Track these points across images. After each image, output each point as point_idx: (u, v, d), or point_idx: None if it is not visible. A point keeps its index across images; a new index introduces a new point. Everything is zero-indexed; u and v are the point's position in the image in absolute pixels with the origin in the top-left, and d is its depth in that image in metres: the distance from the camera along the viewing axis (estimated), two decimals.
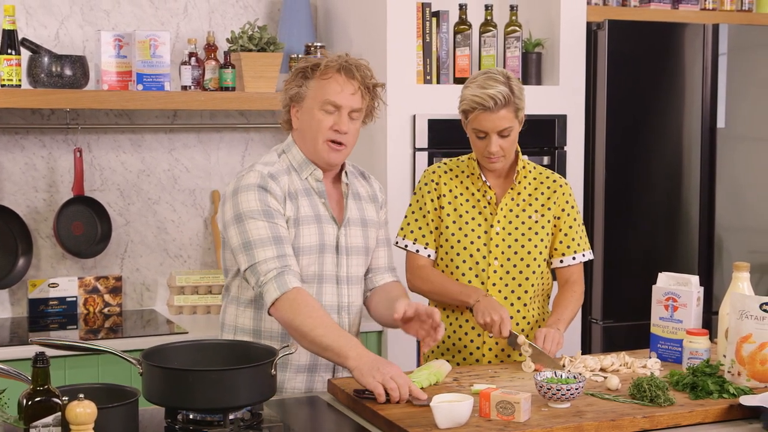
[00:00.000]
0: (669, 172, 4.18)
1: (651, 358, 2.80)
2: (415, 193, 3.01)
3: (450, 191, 2.95)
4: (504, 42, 4.07)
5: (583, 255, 3.00)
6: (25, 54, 3.65)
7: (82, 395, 1.84)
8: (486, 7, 4.04)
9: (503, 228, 2.91)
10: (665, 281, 2.86)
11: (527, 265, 2.91)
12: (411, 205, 3.00)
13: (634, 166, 4.13)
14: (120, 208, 4.03)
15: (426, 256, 2.94)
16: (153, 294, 4.10)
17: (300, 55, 4.01)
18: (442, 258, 2.95)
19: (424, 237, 2.95)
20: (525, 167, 2.95)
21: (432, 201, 2.95)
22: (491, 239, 2.90)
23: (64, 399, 1.87)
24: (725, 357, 2.56)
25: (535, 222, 2.93)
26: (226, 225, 2.61)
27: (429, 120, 3.82)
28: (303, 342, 2.50)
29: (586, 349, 4.07)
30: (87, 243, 3.91)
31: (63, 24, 3.93)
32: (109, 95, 3.70)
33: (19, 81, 3.57)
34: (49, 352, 2.12)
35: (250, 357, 2.28)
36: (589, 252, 3.02)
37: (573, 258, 2.97)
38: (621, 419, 2.26)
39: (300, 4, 4.12)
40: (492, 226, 2.91)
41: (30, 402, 1.90)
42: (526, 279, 2.91)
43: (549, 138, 4.01)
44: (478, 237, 2.91)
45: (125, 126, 4.02)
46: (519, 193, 2.94)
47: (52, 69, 3.61)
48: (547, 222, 2.95)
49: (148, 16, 4.05)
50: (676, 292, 2.80)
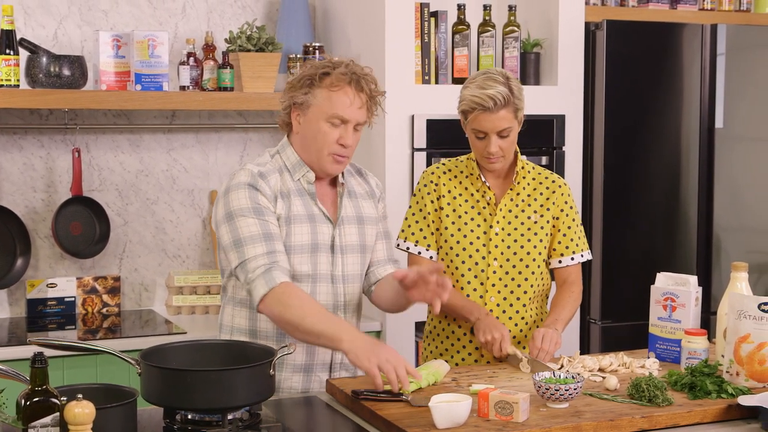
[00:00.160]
0: (667, 172, 4.18)
1: (649, 358, 2.80)
2: (415, 195, 3.01)
3: (449, 192, 2.95)
4: (502, 42, 4.07)
5: (582, 255, 3.00)
6: (24, 54, 3.65)
7: (80, 395, 1.84)
8: (484, 8, 4.04)
9: (502, 228, 2.91)
10: (664, 281, 2.86)
11: (526, 266, 2.91)
12: (411, 207, 3.00)
13: (632, 166, 4.14)
14: (118, 208, 4.03)
15: (428, 257, 2.94)
16: (151, 294, 4.10)
17: (298, 55, 4.01)
18: (442, 259, 2.95)
19: (425, 239, 2.94)
20: (524, 168, 2.95)
21: (432, 202, 2.95)
22: (490, 240, 2.90)
23: (62, 399, 1.87)
24: (723, 357, 2.56)
25: (534, 222, 2.93)
26: (218, 224, 2.62)
27: (427, 120, 3.82)
28: (296, 334, 2.51)
29: (584, 349, 4.07)
30: (85, 243, 3.91)
31: (61, 24, 3.93)
32: (108, 95, 3.69)
33: (18, 81, 3.57)
34: (48, 352, 2.12)
35: (248, 357, 2.28)
36: (588, 252, 3.02)
37: (571, 258, 2.97)
38: (619, 419, 2.26)
39: (298, 4, 4.12)
40: (491, 226, 2.91)
41: (28, 402, 1.89)
42: (525, 279, 2.91)
43: (547, 138, 4.01)
44: (477, 238, 2.91)
45: (123, 126, 4.02)
46: (518, 194, 2.94)
47: (50, 69, 3.61)
48: (546, 222, 2.95)
49: (146, 16, 4.05)
50: (674, 292, 2.80)
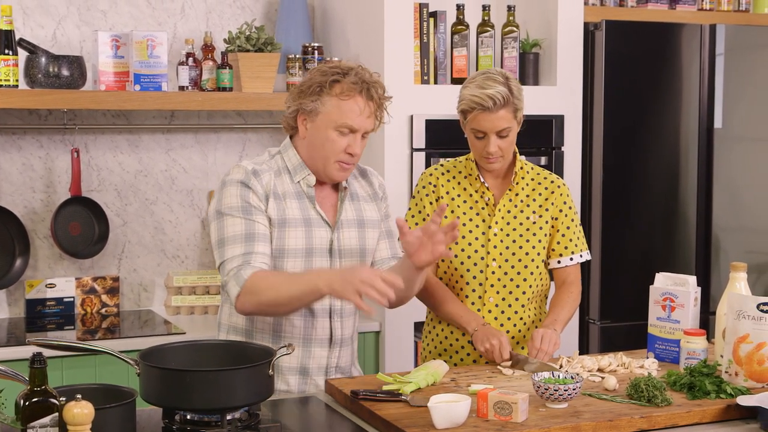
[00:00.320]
0: (666, 172, 4.18)
1: (648, 358, 2.80)
2: (414, 197, 3.00)
3: (448, 193, 2.94)
4: (501, 42, 4.08)
5: (581, 256, 3.00)
6: (23, 54, 3.65)
7: (79, 396, 1.84)
8: (483, 8, 4.04)
9: (501, 229, 2.91)
10: (662, 281, 2.86)
11: (525, 266, 2.91)
12: (410, 209, 3.00)
13: (631, 166, 4.14)
14: (117, 208, 4.03)
15: None
16: (150, 294, 4.10)
17: (297, 56, 4.01)
18: (442, 260, 2.95)
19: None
20: (523, 168, 2.95)
21: (431, 204, 2.95)
22: (489, 240, 2.90)
23: (61, 399, 1.87)
24: (722, 357, 2.56)
25: (533, 223, 2.93)
26: (210, 220, 2.65)
27: (426, 120, 3.82)
28: (281, 309, 2.53)
29: (583, 350, 4.07)
30: (84, 243, 3.91)
31: (60, 24, 3.92)
32: (107, 95, 3.69)
33: (17, 81, 3.57)
34: (47, 352, 2.12)
35: (247, 357, 2.28)
36: (587, 253, 3.02)
37: (570, 259, 2.97)
38: (618, 419, 2.26)
39: (297, 4, 4.12)
40: (490, 227, 2.91)
41: (27, 402, 1.89)
42: (524, 280, 2.91)
43: (546, 138, 4.01)
44: (476, 238, 2.91)
45: (122, 126, 4.02)
46: (517, 194, 2.94)
47: (49, 69, 3.61)
48: (545, 223, 2.95)
49: (145, 16, 4.05)
50: (673, 292, 2.80)
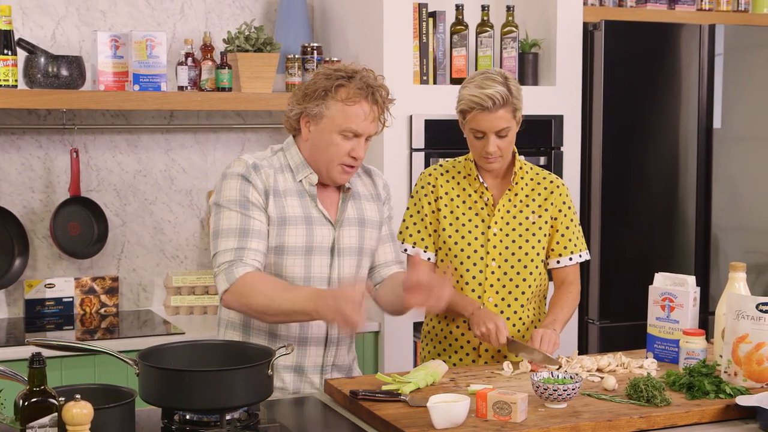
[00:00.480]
0: (665, 172, 4.18)
1: (647, 358, 2.80)
2: (413, 197, 3.00)
3: (447, 193, 2.94)
4: (500, 42, 4.08)
5: (580, 256, 2.99)
6: (22, 54, 3.65)
7: (78, 396, 1.84)
8: (482, 8, 4.04)
9: (500, 229, 2.91)
10: (662, 281, 2.86)
11: (524, 266, 2.91)
12: (409, 209, 3.00)
13: (630, 166, 4.14)
14: (116, 208, 4.03)
15: (426, 259, 2.93)
16: (149, 294, 4.10)
17: (297, 56, 4.00)
18: (441, 260, 2.95)
19: (423, 240, 2.94)
20: (522, 168, 2.95)
21: (429, 204, 2.95)
22: (488, 240, 2.90)
23: (60, 399, 1.87)
24: (722, 357, 2.56)
25: (533, 223, 2.93)
26: (210, 212, 2.64)
27: (426, 120, 3.82)
28: (267, 318, 2.54)
29: (582, 350, 4.07)
30: (83, 243, 3.91)
31: (59, 24, 3.92)
32: (106, 96, 3.69)
33: (16, 81, 3.57)
34: (46, 352, 2.11)
35: (246, 357, 2.28)
36: (586, 253, 3.02)
37: (569, 259, 2.97)
38: (618, 419, 2.26)
39: (297, 4, 4.12)
40: (489, 227, 2.91)
41: (26, 403, 1.89)
42: (523, 280, 2.91)
43: (546, 138, 4.01)
44: (475, 238, 2.91)
45: (122, 126, 4.02)
46: (516, 194, 2.94)
47: (48, 69, 3.61)
48: (545, 223, 2.95)
49: (144, 16, 4.04)
50: (672, 292, 2.80)
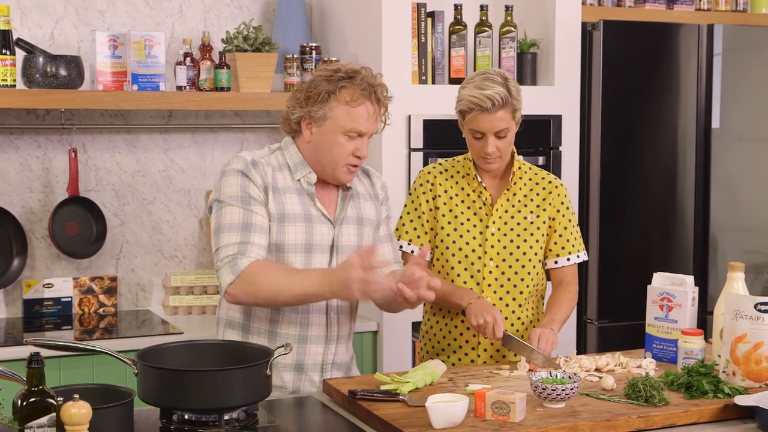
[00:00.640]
0: (664, 172, 4.19)
1: (646, 358, 2.80)
2: (411, 194, 3.01)
3: (445, 192, 2.95)
4: (499, 42, 4.07)
5: (578, 256, 3.00)
6: (20, 54, 3.64)
7: (77, 396, 1.84)
8: (481, 8, 4.04)
9: (498, 229, 2.91)
10: (660, 281, 2.86)
11: (522, 266, 2.91)
12: (406, 206, 3.00)
13: (629, 166, 4.14)
14: (115, 208, 4.03)
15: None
16: (148, 294, 4.10)
17: (295, 56, 4.00)
18: (437, 258, 2.95)
19: (419, 238, 2.94)
20: (520, 168, 2.95)
21: (427, 202, 2.95)
22: (486, 240, 2.90)
23: (58, 399, 1.87)
24: (720, 357, 2.56)
25: (531, 223, 2.93)
26: (210, 210, 2.68)
27: (424, 120, 3.82)
28: (277, 304, 2.55)
29: (581, 349, 4.07)
30: (82, 243, 3.91)
31: (58, 24, 3.92)
32: (104, 95, 3.69)
33: (14, 81, 3.57)
34: (44, 352, 2.11)
35: (245, 357, 2.28)
36: (584, 253, 3.02)
37: (567, 259, 2.97)
38: (616, 419, 2.26)
39: (295, 4, 4.12)
40: (487, 227, 2.91)
41: (25, 402, 1.89)
42: (521, 280, 2.91)
43: (544, 138, 4.01)
44: (473, 238, 2.91)
45: (120, 126, 4.02)
46: (514, 194, 2.94)
47: (46, 69, 3.61)
48: (542, 223, 2.95)
49: (143, 16, 4.04)
50: (671, 292, 2.80)
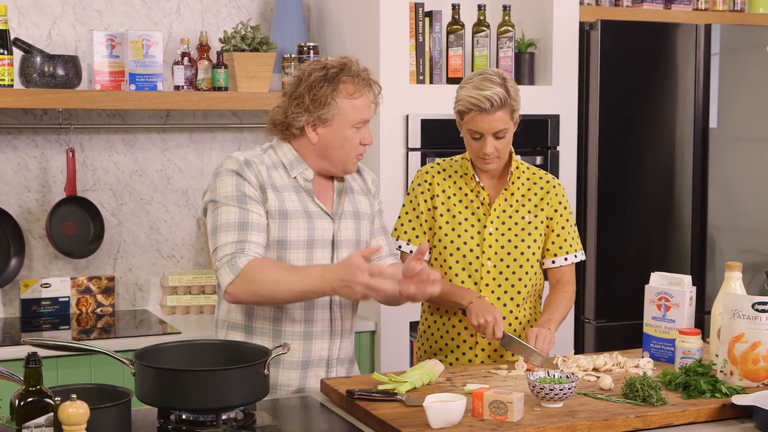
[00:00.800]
0: (661, 172, 4.19)
1: (643, 357, 2.80)
2: (409, 194, 3.01)
3: (443, 192, 2.95)
4: (497, 42, 4.07)
5: (575, 256, 3.00)
6: (18, 54, 3.64)
7: (74, 395, 1.84)
8: (479, 7, 4.04)
9: (496, 229, 2.91)
10: (658, 281, 2.86)
11: (520, 266, 2.91)
12: (404, 206, 3.00)
13: (626, 166, 4.14)
14: (113, 208, 4.03)
15: None
16: (146, 294, 4.10)
17: (293, 55, 4.00)
18: (435, 258, 2.95)
19: (417, 237, 2.94)
20: (518, 168, 2.95)
21: (425, 201, 2.95)
22: (484, 240, 2.90)
23: (56, 399, 1.87)
24: (717, 356, 2.57)
25: (528, 223, 2.93)
26: (205, 211, 2.66)
27: (422, 120, 3.82)
28: (277, 301, 2.55)
29: (578, 349, 4.07)
30: (79, 243, 3.91)
31: (55, 24, 3.92)
32: (102, 95, 3.69)
33: (11, 81, 3.56)
34: (42, 352, 2.11)
35: (243, 357, 2.28)
36: (581, 253, 3.02)
37: (565, 259, 2.98)
38: (614, 419, 2.26)
39: (293, 4, 4.12)
40: (485, 226, 2.91)
41: (22, 402, 1.89)
42: (519, 279, 2.91)
43: (542, 138, 4.01)
44: (471, 237, 2.91)
45: (118, 126, 4.02)
46: (512, 194, 2.94)
47: (44, 69, 3.61)
48: (540, 223, 2.95)
49: (140, 15, 4.04)
50: (668, 291, 2.81)
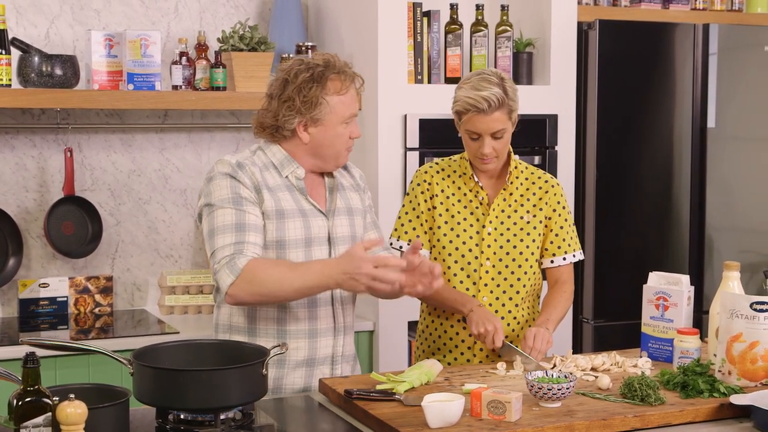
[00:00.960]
0: (659, 171, 4.19)
1: (642, 357, 2.80)
2: (408, 194, 3.00)
3: (442, 191, 2.95)
4: (495, 42, 4.08)
5: (574, 255, 3.00)
6: (16, 53, 3.64)
7: (72, 395, 1.84)
8: (477, 7, 4.04)
9: (495, 228, 2.91)
10: (656, 280, 2.86)
11: (519, 266, 2.91)
12: (404, 206, 3.00)
13: (624, 165, 4.14)
14: (111, 208, 4.02)
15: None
16: (144, 294, 4.10)
17: (291, 55, 4.00)
18: (435, 258, 2.95)
19: (418, 237, 2.94)
20: (517, 167, 2.95)
21: (425, 201, 2.95)
22: (483, 239, 2.90)
23: (54, 399, 1.86)
24: (716, 356, 2.57)
25: (527, 222, 2.93)
26: (200, 216, 2.65)
27: (420, 120, 3.82)
28: (280, 300, 2.54)
29: (577, 349, 4.08)
30: (78, 243, 3.90)
31: (53, 23, 3.92)
32: (100, 95, 3.69)
33: (9, 80, 3.56)
34: (40, 352, 2.11)
35: (241, 357, 2.27)
36: (580, 252, 3.02)
37: (563, 258, 2.98)
38: (612, 418, 2.26)
39: (291, 3, 4.12)
40: (484, 226, 2.91)
41: (20, 402, 1.89)
42: (517, 279, 2.91)
43: (540, 138, 4.02)
44: (470, 237, 2.91)
45: (116, 126, 4.01)
46: (511, 194, 2.94)
47: (42, 68, 3.60)
48: (539, 222, 2.95)
49: (138, 15, 4.04)
50: (666, 291, 2.81)
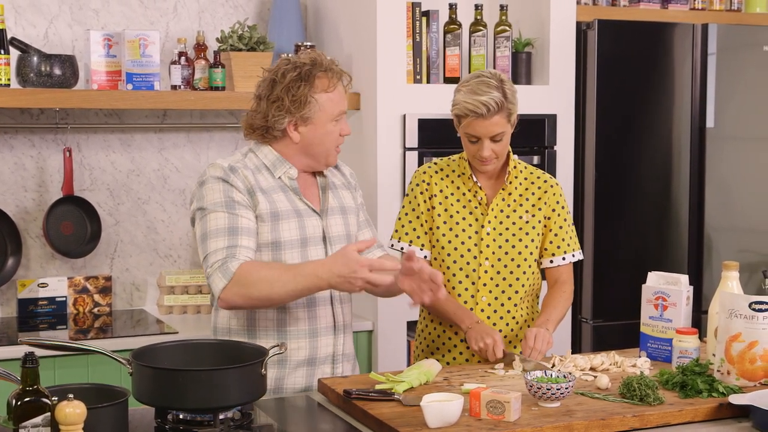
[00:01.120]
0: (658, 171, 4.19)
1: (641, 357, 2.80)
2: (407, 195, 3.00)
3: (441, 191, 2.94)
4: (494, 42, 4.08)
5: (573, 255, 3.00)
6: (14, 53, 3.64)
7: (71, 395, 1.84)
8: (476, 7, 4.04)
9: (494, 228, 2.91)
10: (655, 280, 2.86)
11: (518, 266, 2.91)
12: (404, 207, 3.00)
13: (623, 165, 4.14)
14: (110, 207, 4.02)
15: (422, 257, 2.93)
16: (143, 294, 4.10)
17: (290, 55, 3.99)
18: (435, 258, 2.95)
19: (419, 238, 2.94)
20: (516, 167, 2.95)
21: (424, 202, 2.95)
22: (482, 239, 2.90)
23: (53, 399, 1.86)
24: (715, 356, 2.57)
25: (526, 222, 2.93)
26: (193, 220, 2.64)
27: (419, 120, 3.82)
28: (272, 304, 2.53)
29: (576, 349, 4.08)
30: (76, 243, 3.90)
31: (52, 23, 3.92)
32: (99, 95, 3.69)
33: (8, 80, 3.56)
34: (39, 352, 2.11)
35: (240, 357, 2.27)
36: (579, 252, 3.02)
37: (563, 258, 2.98)
38: (611, 418, 2.26)
39: (290, 3, 4.12)
40: (483, 226, 2.91)
41: (19, 402, 1.89)
42: (516, 279, 2.91)
43: (539, 137, 4.02)
44: (468, 237, 2.91)
45: (115, 125, 4.01)
46: (510, 194, 2.94)
47: (41, 68, 3.60)
48: (538, 222, 2.95)
49: (137, 15, 4.04)
50: (665, 291, 2.81)
